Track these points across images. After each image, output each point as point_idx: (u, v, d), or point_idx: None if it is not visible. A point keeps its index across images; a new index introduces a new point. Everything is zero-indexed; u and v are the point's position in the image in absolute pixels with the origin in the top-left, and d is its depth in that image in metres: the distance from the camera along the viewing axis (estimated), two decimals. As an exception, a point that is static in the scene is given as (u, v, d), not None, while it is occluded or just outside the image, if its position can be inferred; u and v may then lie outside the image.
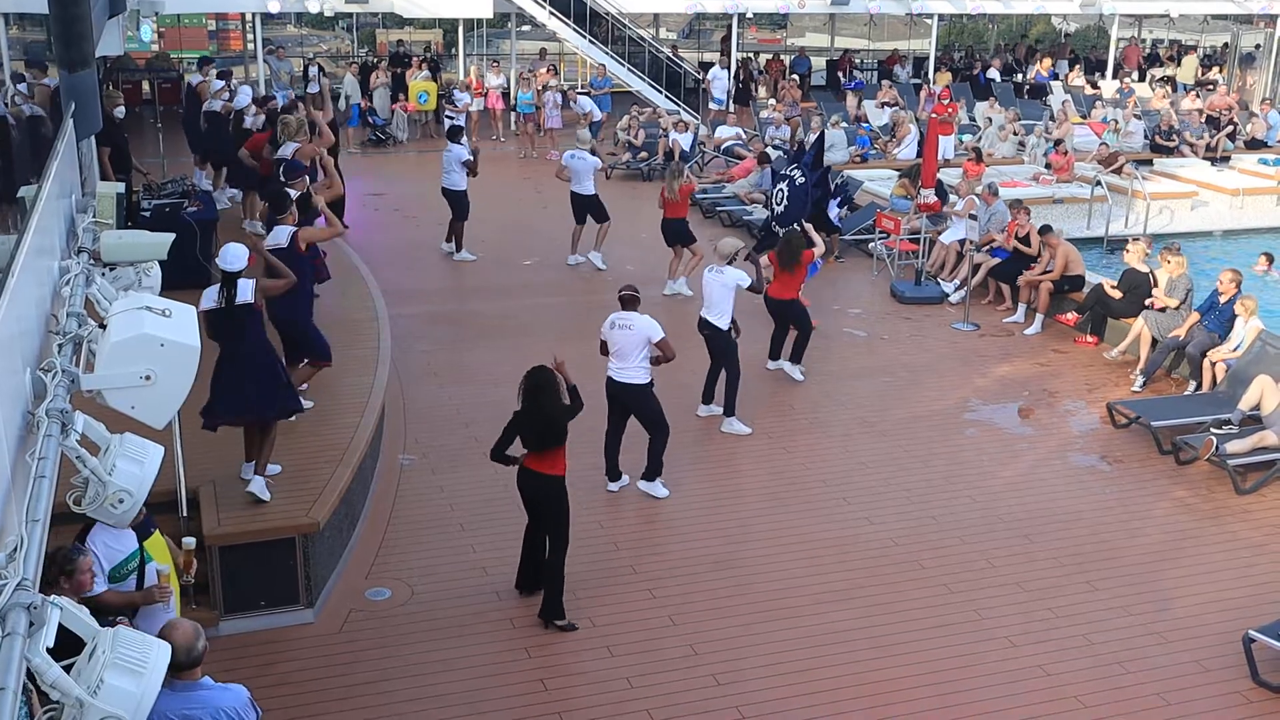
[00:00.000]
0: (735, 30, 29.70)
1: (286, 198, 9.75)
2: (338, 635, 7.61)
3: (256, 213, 14.41)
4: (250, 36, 27.39)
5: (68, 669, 3.54)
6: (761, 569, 8.48)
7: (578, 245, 15.91)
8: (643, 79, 26.65)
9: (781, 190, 14.63)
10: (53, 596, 3.64)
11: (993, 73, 30.23)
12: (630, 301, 9.39)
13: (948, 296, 14.74)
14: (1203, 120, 25.14)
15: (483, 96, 24.79)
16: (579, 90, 26.72)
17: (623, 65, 26.56)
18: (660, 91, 26.52)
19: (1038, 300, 13.80)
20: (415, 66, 25.50)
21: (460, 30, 26.64)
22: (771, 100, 26.31)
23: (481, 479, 9.59)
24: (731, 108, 27.12)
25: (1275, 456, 9.93)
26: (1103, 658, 7.53)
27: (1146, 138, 24.06)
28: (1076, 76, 30.09)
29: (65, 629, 3.69)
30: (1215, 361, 11.39)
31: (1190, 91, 28.03)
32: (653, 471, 9.49)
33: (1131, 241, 13.55)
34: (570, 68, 32.13)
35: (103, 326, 5.27)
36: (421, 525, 8.98)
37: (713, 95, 26.89)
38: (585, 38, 26.17)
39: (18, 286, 4.56)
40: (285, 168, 11.37)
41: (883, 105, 25.62)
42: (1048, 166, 20.74)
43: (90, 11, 8.53)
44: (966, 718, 6.93)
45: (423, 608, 7.89)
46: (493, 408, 10.96)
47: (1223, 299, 11.67)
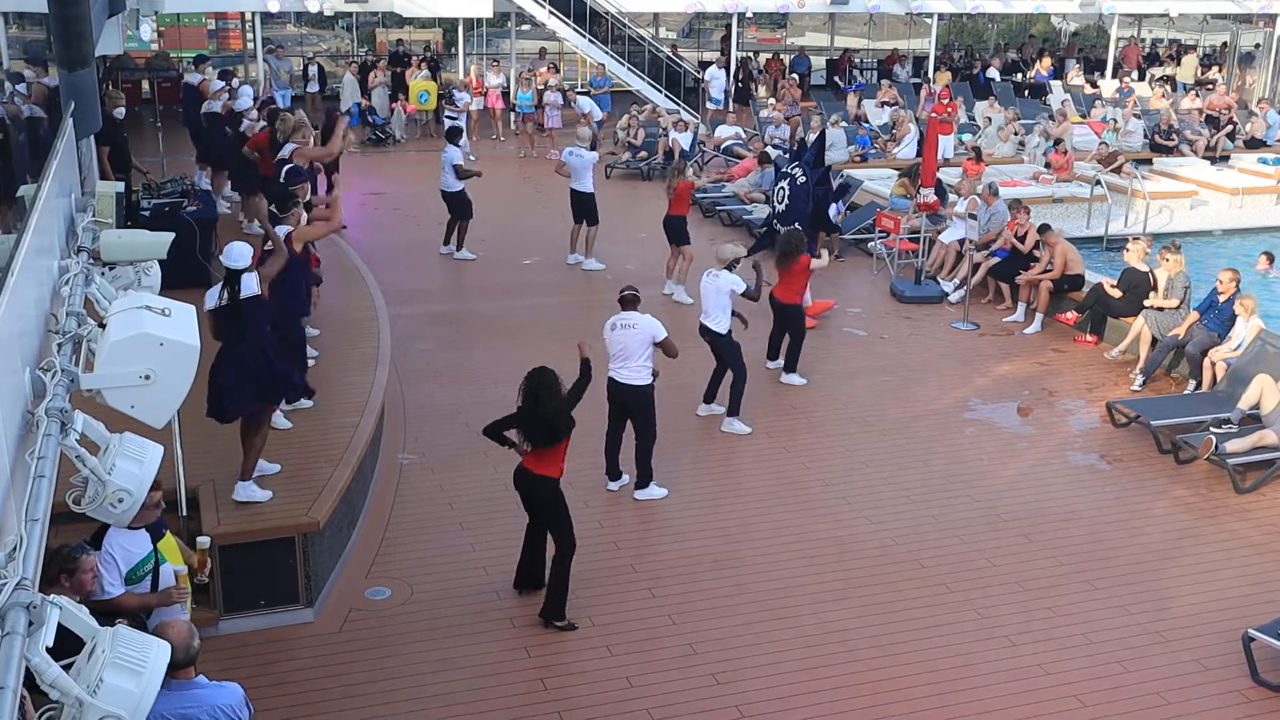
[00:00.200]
0: (735, 30, 29.72)
1: (292, 197, 9.70)
2: (337, 635, 7.61)
3: (256, 215, 14.38)
4: (250, 36, 27.40)
5: (67, 668, 3.54)
6: (761, 568, 8.48)
7: (577, 244, 15.93)
8: (642, 78, 26.65)
9: (783, 189, 14.60)
10: (52, 596, 3.64)
11: (992, 72, 30.23)
12: (631, 302, 9.39)
13: (947, 296, 14.74)
14: (1202, 120, 25.14)
15: (482, 96, 24.79)
16: (579, 90, 26.71)
17: (622, 64, 26.56)
18: (660, 91, 26.52)
19: (1037, 299, 13.81)
20: (415, 66, 25.49)
21: (460, 30, 26.65)
22: (771, 100, 26.29)
23: (481, 478, 9.61)
24: (730, 107, 27.12)
25: (1275, 455, 9.93)
26: (1102, 657, 7.53)
27: (1146, 137, 24.06)
28: (1076, 76, 30.10)
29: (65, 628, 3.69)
30: (1215, 360, 11.40)
31: (1190, 91, 28.02)
32: (645, 478, 9.47)
33: (1131, 241, 13.56)
34: (570, 67, 32.13)
35: (102, 326, 5.28)
36: (421, 525, 8.98)
37: (710, 95, 26.89)
38: (585, 37, 26.16)
39: (17, 286, 4.56)
40: (288, 173, 11.28)
41: (882, 104, 25.62)
42: (1047, 166, 20.73)
43: (90, 11, 8.54)
44: (966, 716, 6.94)
45: (422, 607, 7.89)
46: (492, 407, 10.94)
47: (1222, 298, 11.67)
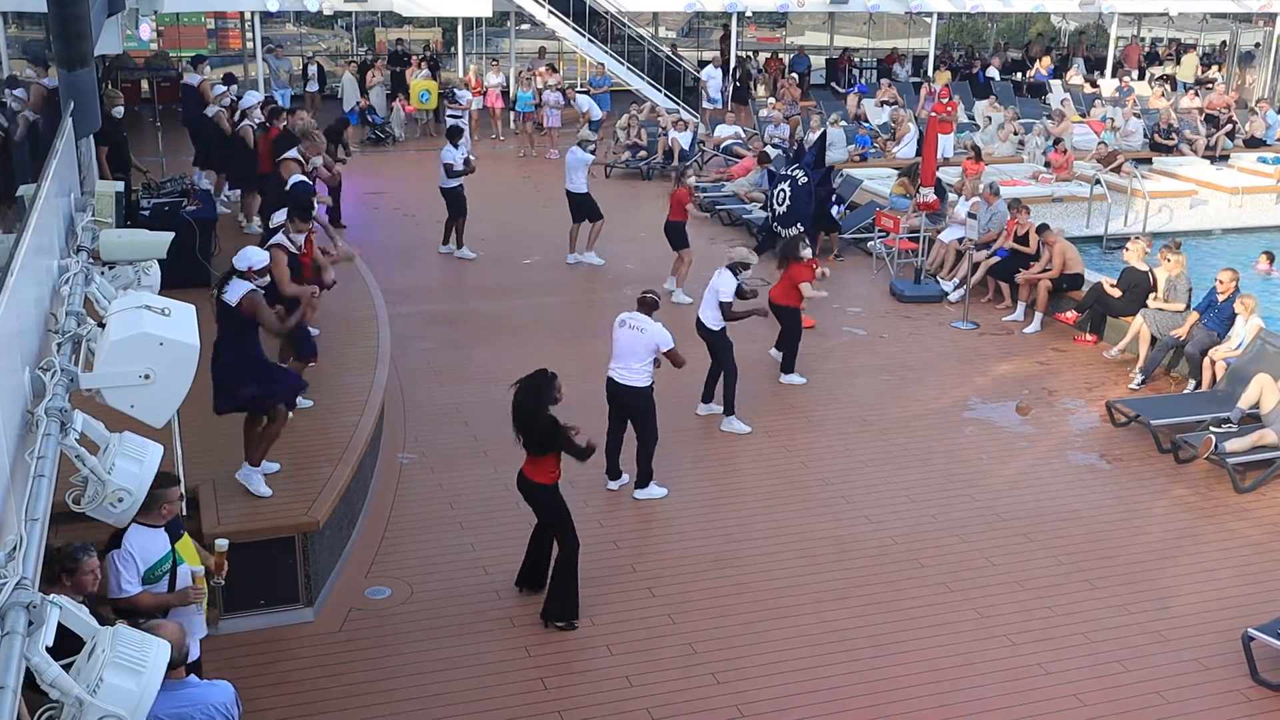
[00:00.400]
0: (735, 29, 29.70)
1: (312, 208, 9.44)
2: (337, 634, 7.60)
3: (255, 213, 14.38)
4: (249, 35, 27.38)
5: (67, 668, 3.54)
6: (761, 568, 8.48)
7: (576, 244, 15.93)
8: (642, 77, 26.64)
9: (783, 191, 14.62)
10: (52, 595, 3.64)
11: (992, 71, 30.22)
12: (647, 305, 9.36)
13: (947, 295, 14.73)
14: (1201, 119, 25.13)
15: (482, 95, 24.78)
16: (579, 89, 26.70)
17: (622, 64, 26.55)
18: (659, 90, 26.51)
19: (1037, 299, 13.80)
20: (415, 65, 25.47)
21: (459, 29, 26.64)
22: (771, 99, 26.29)
23: (481, 478, 9.61)
24: (729, 106, 27.10)
25: (1274, 455, 9.93)
26: (1102, 656, 7.53)
27: (1145, 136, 24.05)
28: (1075, 75, 30.09)
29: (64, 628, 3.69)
30: (1215, 360, 11.40)
31: (1189, 90, 28.01)
32: (644, 478, 9.47)
33: (1131, 240, 13.56)
34: (569, 66, 32.13)
35: (102, 325, 5.28)
36: (421, 524, 8.98)
37: (708, 94, 26.89)
38: (584, 36, 26.15)
39: (17, 285, 4.56)
40: (296, 185, 11.05)
41: (882, 104, 25.61)
42: (1047, 165, 20.73)
43: (89, 10, 8.53)
44: (965, 716, 6.94)
45: (422, 606, 7.89)
46: (492, 406, 10.98)
47: (1221, 297, 11.67)
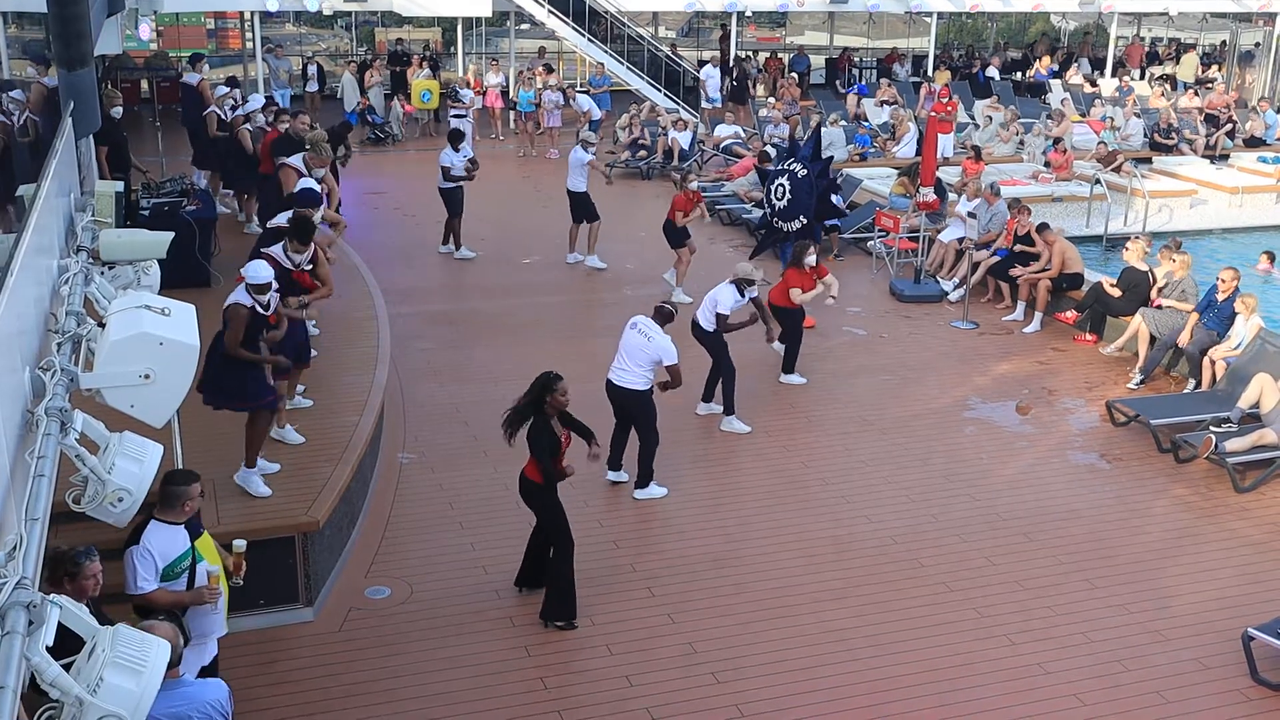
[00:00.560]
0: (734, 29, 29.68)
1: (311, 231, 9.23)
2: (337, 634, 7.60)
3: (255, 213, 14.38)
4: (249, 35, 27.38)
5: (67, 668, 3.54)
6: (761, 567, 8.48)
7: (575, 243, 15.93)
8: (641, 77, 26.63)
9: (781, 185, 14.57)
10: (52, 595, 3.64)
11: (992, 71, 30.21)
12: (663, 315, 9.42)
13: (947, 295, 14.73)
14: (1201, 118, 25.13)
15: (481, 95, 24.77)
16: (578, 89, 26.70)
17: (621, 63, 26.54)
18: (659, 90, 26.50)
19: (1037, 298, 13.80)
20: (417, 65, 25.45)
21: (459, 29, 26.63)
22: (770, 99, 26.28)
23: (481, 477, 9.61)
24: (728, 106, 27.09)
25: (1274, 455, 9.93)
26: (1102, 656, 7.53)
27: (1145, 136, 24.05)
28: (1075, 75, 30.09)
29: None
30: (1215, 359, 11.39)
31: (1189, 89, 28.01)
32: (645, 479, 9.49)
33: (1131, 240, 13.55)
34: (569, 66, 32.12)
35: (102, 325, 5.28)
36: (421, 523, 8.98)
37: (706, 94, 26.88)
38: (584, 36, 26.14)
39: (17, 285, 4.57)
40: (299, 195, 10.70)
41: (882, 103, 25.61)
42: (1047, 165, 20.73)
43: (89, 10, 8.53)
44: (965, 715, 6.94)
45: (422, 606, 7.89)
46: (492, 406, 10.93)
47: (1221, 297, 11.66)
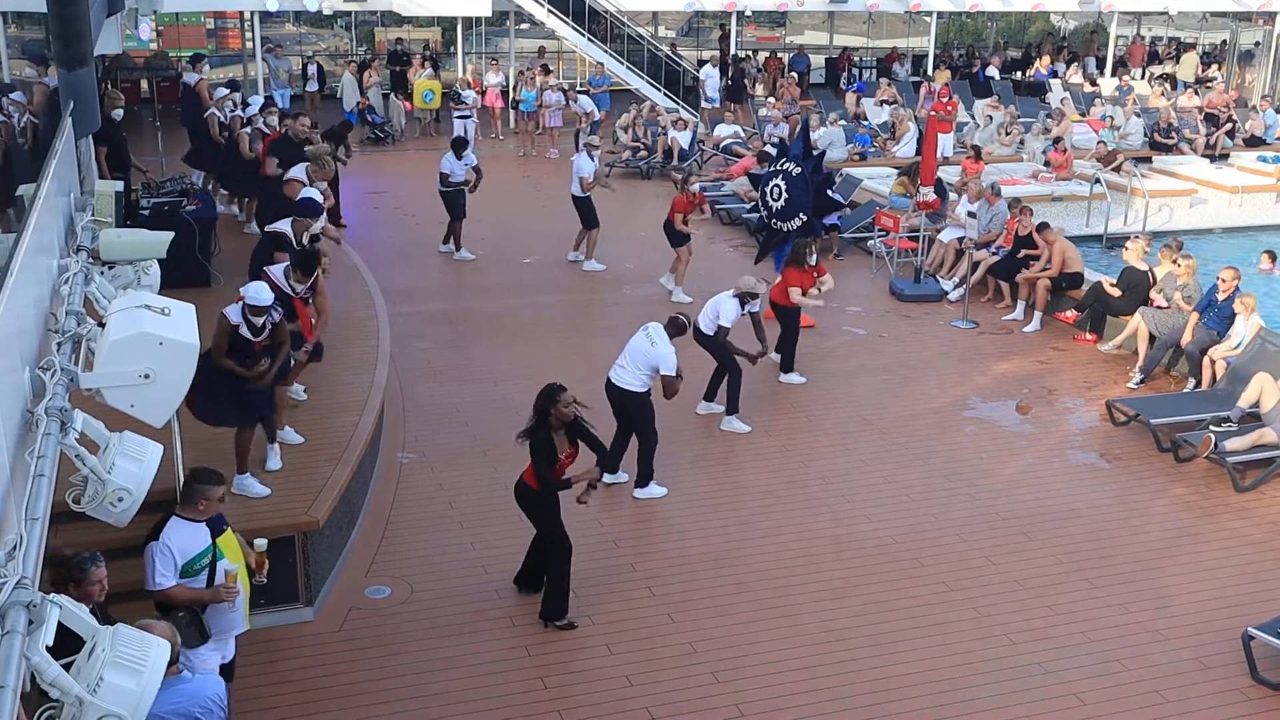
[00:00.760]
0: (734, 28, 29.69)
1: (316, 260, 9.14)
2: (337, 634, 7.60)
3: (254, 214, 14.37)
4: (249, 35, 27.38)
5: (67, 668, 3.54)
6: (761, 567, 8.49)
7: (580, 242, 15.94)
8: (641, 77, 26.63)
9: (777, 185, 14.54)
10: (52, 595, 3.64)
11: (992, 70, 30.21)
12: (675, 326, 9.43)
13: (947, 294, 14.73)
14: (1201, 118, 25.13)
15: (481, 95, 24.77)
16: (579, 89, 26.70)
17: (621, 63, 26.54)
18: (659, 89, 26.51)
19: (1036, 298, 13.80)
20: (419, 65, 25.42)
21: (459, 28, 26.63)
22: (770, 98, 26.28)
23: (481, 477, 9.61)
24: (727, 105, 27.09)
25: (1274, 454, 9.93)
26: (1101, 655, 7.53)
27: (1145, 135, 24.05)
28: (1075, 74, 30.09)
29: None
30: (1215, 359, 11.39)
31: (1189, 89, 28.01)
32: (644, 478, 9.50)
33: (1131, 239, 13.55)
34: (569, 65, 32.11)
35: (102, 325, 5.28)
36: (421, 523, 8.98)
37: (705, 94, 26.88)
38: (584, 36, 26.14)
39: (17, 285, 4.57)
40: (302, 202, 10.59)
41: (882, 103, 25.61)
42: (1047, 164, 20.73)
43: (88, 10, 8.53)
44: (965, 715, 6.94)
45: (422, 606, 7.89)
46: (492, 406, 11.00)
47: (1221, 296, 11.65)
